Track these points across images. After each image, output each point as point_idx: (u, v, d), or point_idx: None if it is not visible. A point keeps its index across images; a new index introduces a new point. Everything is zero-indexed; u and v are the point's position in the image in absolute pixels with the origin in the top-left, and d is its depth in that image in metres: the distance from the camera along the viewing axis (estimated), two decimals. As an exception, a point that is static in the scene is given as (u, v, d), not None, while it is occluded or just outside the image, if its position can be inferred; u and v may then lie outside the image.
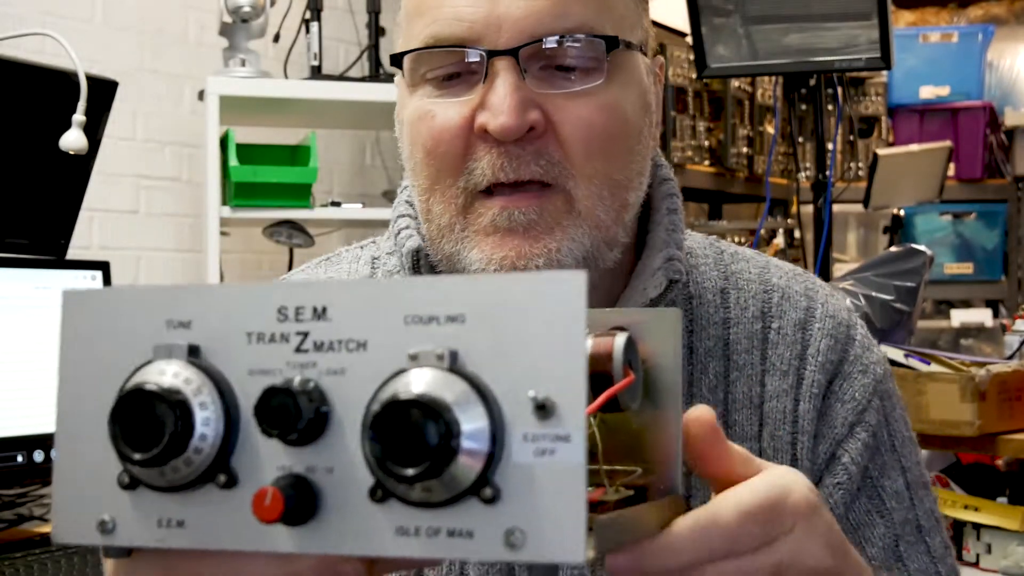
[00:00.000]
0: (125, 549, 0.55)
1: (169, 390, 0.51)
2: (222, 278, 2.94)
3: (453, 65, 0.86)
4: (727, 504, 0.59)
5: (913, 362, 2.11)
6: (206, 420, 0.51)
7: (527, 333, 0.48)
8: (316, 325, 0.51)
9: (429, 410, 0.47)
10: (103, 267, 1.95)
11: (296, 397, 0.49)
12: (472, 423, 0.47)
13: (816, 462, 0.93)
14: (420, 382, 0.48)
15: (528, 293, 0.48)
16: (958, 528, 2.09)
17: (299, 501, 0.50)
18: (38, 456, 1.80)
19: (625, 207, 0.88)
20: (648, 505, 0.59)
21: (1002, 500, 2.11)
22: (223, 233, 2.94)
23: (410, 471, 0.47)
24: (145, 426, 0.50)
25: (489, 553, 0.48)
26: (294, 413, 0.49)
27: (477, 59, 0.84)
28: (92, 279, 1.93)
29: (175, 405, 0.50)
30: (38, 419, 1.81)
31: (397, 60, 0.88)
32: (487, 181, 0.84)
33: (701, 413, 0.61)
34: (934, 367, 2.10)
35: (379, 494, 0.49)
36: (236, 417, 0.51)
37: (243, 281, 1.06)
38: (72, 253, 2.12)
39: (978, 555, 2.06)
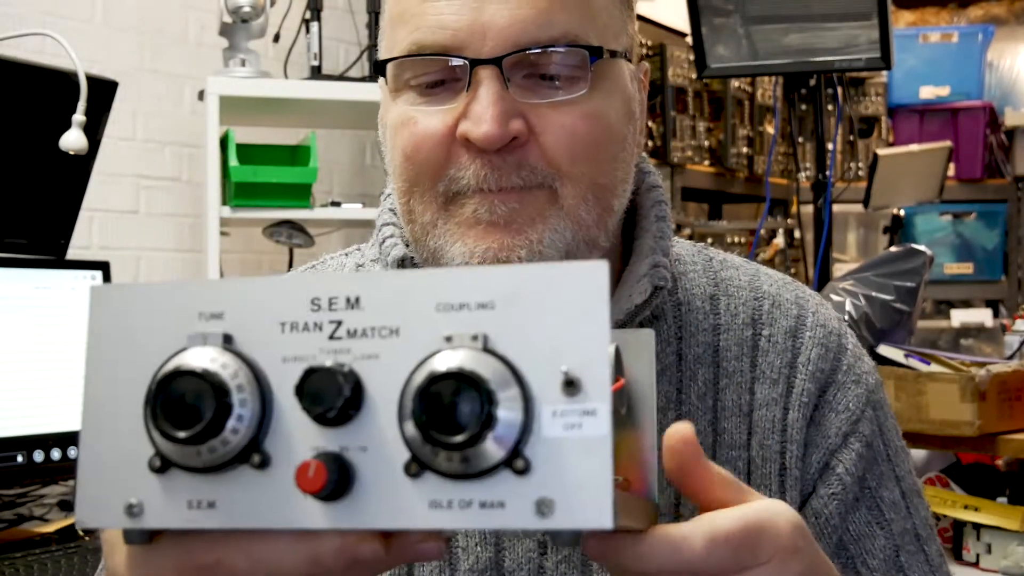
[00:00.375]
0: (147, 535, 0.56)
1: (207, 372, 0.53)
2: (222, 278, 2.93)
3: (436, 72, 0.85)
4: (700, 525, 0.58)
5: (913, 362, 2.11)
6: (243, 402, 0.53)
7: (553, 317, 0.51)
8: (349, 314, 0.53)
9: (471, 381, 0.50)
10: (103, 267, 1.95)
11: (335, 375, 0.52)
12: (508, 399, 0.50)
13: (808, 472, 0.93)
14: (457, 358, 0.51)
15: (554, 281, 0.51)
16: (958, 528, 2.09)
17: (338, 476, 0.52)
18: (38, 456, 1.80)
19: (609, 212, 0.88)
20: (645, 501, 0.62)
21: (1002, 500, 2.11)
22: (223, 233, 2.94)
23: (455, 439, 0.50)
24: (183, 406, 0.52)
25: (520, 521, 0.51)
26: (335, 391, 0.51)
27: (461, 67, 0.83)
28: (92, 279, 1.93)
29: (214, 386, 0.52)
30: (38, 419, 1.81)
31: (380, 67, 0.88)
32: (469, 188, 0.84)
33: (681, 428, 0.60)
34: (934, 367, 2.10)
35: (414, 468, 0.52)
36: (270, 401, 0.54)
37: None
38: (72, 253, 2.12)
39: (978, 555, 2.06)
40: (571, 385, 0.51)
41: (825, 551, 0.93)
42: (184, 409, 0.52)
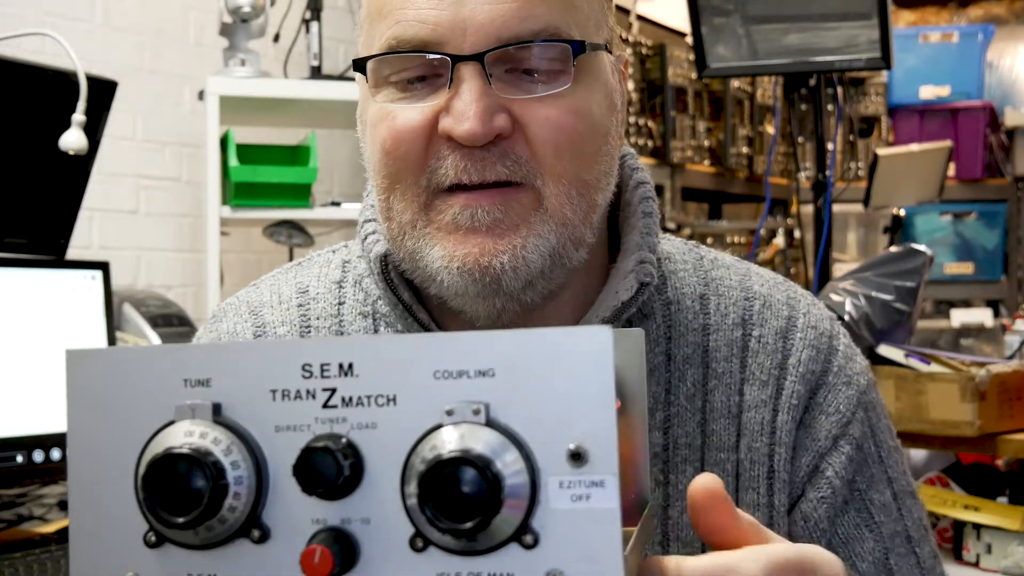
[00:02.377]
0: None
1: (202, 451, 0.51)
2: (222, 278, 2.94)
3: (417, 68, 0.84)
4: (754, 554, 0.56)
5: (913, 362, 2.11)
6: (239, 479, 0.51)
7: (557, 385, 0.50)
8: (343, 381, 0.52)
9: (477, 466, 0.49)
10: (103, 267, 1.95)
11: (334, 454, 0.51)
12: (514, 475, 0.50)
13: (797, 475, 0.92)
14: (461, 437, 0.50)
15: (557, 346, 0.50)
16: (958, 528, 2.08)
17: (343, 556, 0.51)
18: (38, 456, 1.80)
19: (593, 207, 0.87)
20: (633, 531, 0.61)
21: (1002, 500, 2.11)
22: (223, 233, 2.94)
23: (463, 526, 0.49)
24: (179, 489, 0.51)
25: None
26: (334, 471, 0.50)
27: (442, 64, 0.82)
28: (92, 279, 1.93)
29: (209, 467, 0.51)
30: (38, 419, 1.81)
31: (360, 64, 0.87)
32: (450, 181, 0.83)
33: (708, 482, 0.58)
34: (934, 367, 2.10)
35: (419, 543, 0.51)
36: (266, 473, 0.52)
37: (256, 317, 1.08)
38: (72, 253, 2.12)
39: (978, 555, 2.06)
40: (578, 457, 0.50)
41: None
42: (179, 491, 0.51)
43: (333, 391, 0.52)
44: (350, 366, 0.52)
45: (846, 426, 0.93)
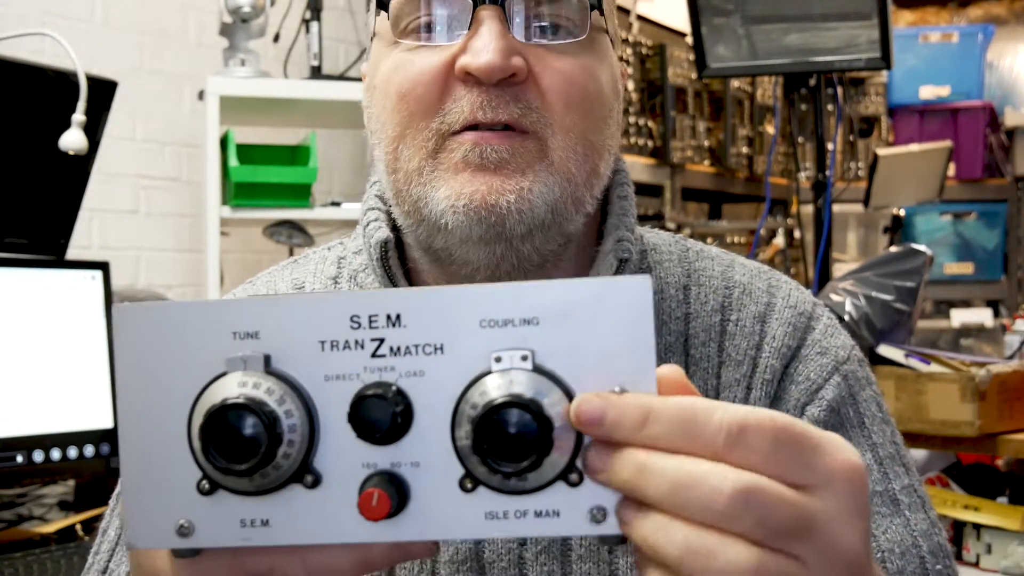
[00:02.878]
0: (196, 549, 0.56)
1: (257, 402, 0.53)
2: (222, 278, 2.94)
3: (437, 16, 0.85)
4: (759, 411, 0.50)
5: (913, 362, 2.11)
6: (292, 427, 0.53)
7: (600, 332, 0.52)
8: (391, 331, 0.54)
9: (529, 409, 0.51)
10: (103, 267, 1.95)
11: (387, 401, 0.53)
12: (560, 417, 0.52)
13: None
14: (510, 383, 0.52)
15: (599, 295, 0.52)
16: (958, 528, 2.09)
17: (397, 496, 0.53)
18: (38, 456, 1.80)
19: (595, 173, 0.88)
20: None
21: (1002, 500, 2.11)
22: (223, 233, 2.94)
23: (517, 466, 0.51)
24: (237, 438, 0.53)
25: (574, 529, 0.53)
26: (388, 415, 0.53)
27: (463, 7, 0.83)
28: (92, 279, 1.93)
29: (265, 416, 0.53)
30: (38, 419, 1.81)
31: (384, 3, 0.87)
32: (463, 120, 0.83)
33: (669, 371, 0.54)
34: (934, 367, 2.10)
35: (469, 484, 0.53)
36: (317, 421, 0.54)
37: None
38: (72, 253, 2.12)
39: (978, 555, 2.06)
40: None
41: None
42: (235, 440, 0.53)
43: (381, 341, 0.54)
44: (398, 317, 0.54)
45: (815, 392, 0.92)
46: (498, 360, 0.52)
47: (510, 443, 0.51)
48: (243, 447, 0.53)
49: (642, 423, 0.51)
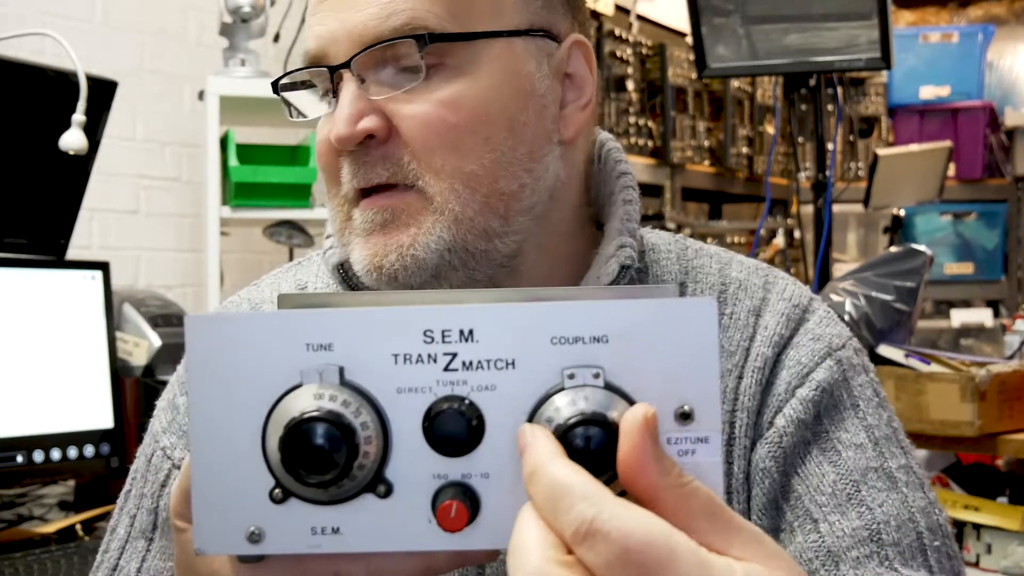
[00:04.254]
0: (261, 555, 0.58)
1: (335, 414, 0.54)
2: (222, 278, 2.94)
3: (321, 82, 0.89)
4: (635, 523, 0.47)
5: (913, 362, 2.11)
6: (367, 439, 0.55)
7: (666, 351, 0.54)
8: (464, 346, 0.55)
9: (601, 425, 0.52)
10: (103, 267, 1.95)
11: (461, 414, 0.54)
12: None
13: (758, 435, 0.90)
14: (584, 399, 0.54)
15: (665, 316, 0.54)
16: (958, 528, 2.09)
17: (470, 506, 0.55)
18: (38, 456, 1.80)
19: (497, 196, 0.86)
20: None
21: (1002, 500, 2.11)
22: (223, 233, 2.94)
23: (599, 479, 0.52)
24: (315, 451, 0.54)
25: None
26: (462, 429, 0.54)
27: (324, 76, 0.87)
28: (92, 279, 1.93)
29: (343, 429, 0.54)
30: (38, 419, 1.81)
31: (276, 91, 0.92)
32: (351, 189, 0.86)
33: (632, 415, 0.51)
34: (934, 367, 2.10)
35: None
36: (389, 432, 0.56)
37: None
38: (72, 253, 2.12)
39: (978, 555, 2.06)
40: (686, 417, 0.54)
41: (760, 500, 0.88)
42: (315, 453, 0.54)
43: (454, 355, 0.55)
44: (470, 332, 0.55)
45: (806, 376, 0.91)
46: (571, 377, 0.54)
47: (583, 457, 0.52)
48: (322, 459, 0.54)
49: (527, 477, 0.51)
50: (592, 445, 0.52)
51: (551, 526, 0.49)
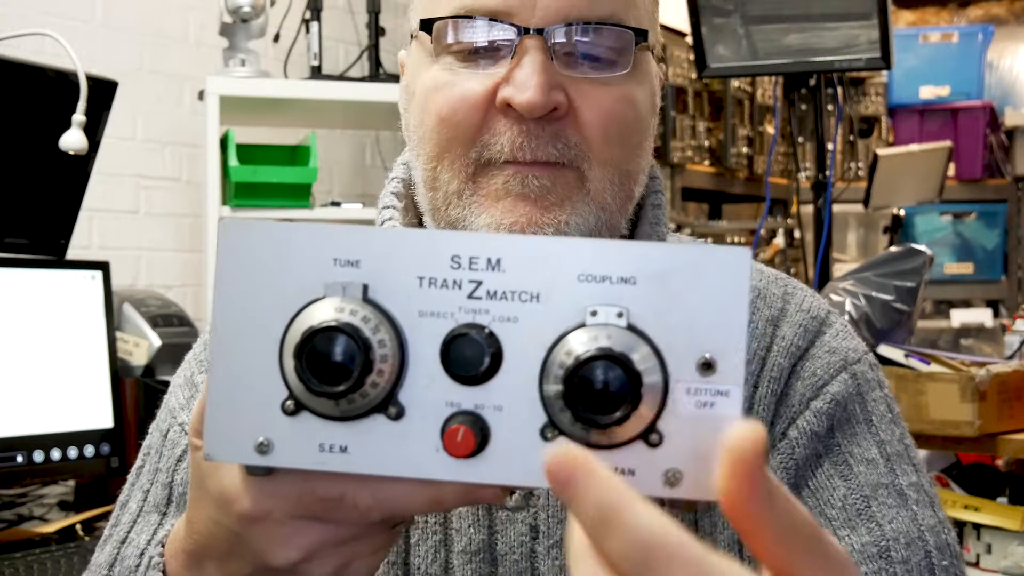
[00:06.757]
0: (268, 468, 0.57)
1: (352, 327, 0.54)
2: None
3: (480, 41, 0.85)
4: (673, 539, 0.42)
5: (913, 362, 2.11)
6: (383, 357, 0.54)
7: (694, 298, 0.53)
8: (490, 275, 0.54)
9: (622, 363, 0.51)
10: (103, 267, 1.95)
11: (480, 341, 0.53)
12: (650, 376, 0.52)
13: (771, 444, 0.90)
14: (607, 336, 0.52)
15: (698, 263, 0.53)
16: (958, 528, 2.09)
17: (481, 438, 0.54)
18: (38, 456, 1.80)
19: (630, 198, 0.90)
20: None
21: (1002, 500, 2.11)
22: (223, 233, 2.94)
23: (606, 419, 0.51)
24: (329, 361, 0.53)
25: (648, 489, 0.53)
26: (479, 356, 0.53)
27: (508, 35, 0.84)
28: (92, 279, 1.93)
29: (359, 342, 0.53)
30: (38, 419, 1.81)
31: (427, 25, 0.87)
32: (504, 157, 0.84)
33: (749, 431, 0.45)
34: (934, 367, 2.10)
35: (550, 433, 0.54)
36: (407, 354, 0.55)
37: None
38: (72, 253, 2.12)
39: (978, 555, 2.06)
40: (708, 367, 0.52)
41: None
42: (328, 363, 0.53)
43: (479, 283, 0.54)
44: (498, 261, 0.54)
45: (821, 388, 0.91)
46: (594, 314, 0.53)
47: (600, 396, 0.51)
48: (335, 370, 0.53)
49: (597, 526, 0.43)
50: (603, 382, 0.51)
51: (601, 545, 0.42)
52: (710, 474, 0.51)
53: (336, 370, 0.53)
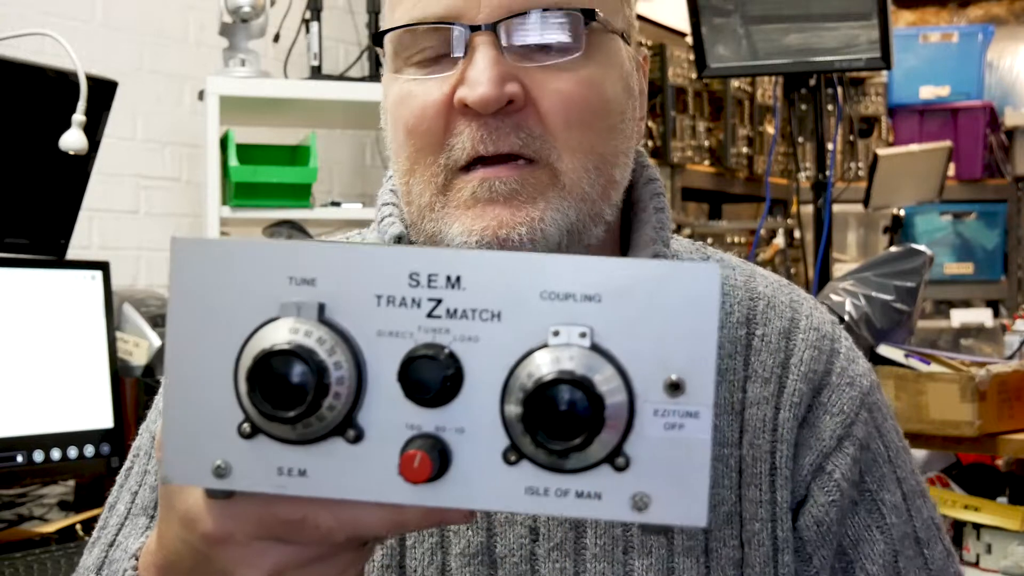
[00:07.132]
0: (227, 491, 0.56)
1: (307, 350, 0.52)
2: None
3: (434, 48, 0.85)
4: None
5: (913, 362, 2.11)
6: (340, 379, 0.52)
7: (661, 316, 0.51)
8: (449, 293, 0.52)
9: (583, 386, 0.50)
10: (103, 267, 1.95)
11: (438, 362, 0.52)
12: (614, 398, 0.51)
13: (800, 473, 0.92)
14: (568, 358, 0.51)
15: (664, 279, 0.51)
16: (958, 528, 2.08)
17: (439, 460, 0.52)
18: (38, 456, 1.80)
19: (612, 183, 0.88)
20: None
21: (1002, 500, 2.11)
22: (223, 233, 2.94)
23: (566, 444, 0.50)
24: (283, 384, 0.52)
25: (615, 514, 0.52)
26: (438, 378, 0.52)
27: (457, 35, 0.84)
28: (92, 279, 1.93)
29: (313, 365, 0.52)
30: (38, 419, 1.81)
31: (379, 40, 0.88)
32: (467, 155, 0.83)
33: None
34: (934, 367, 2.10)
35: (513, 456, 0.52)
36: (365, 376, 0.53)
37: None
38: (72, 253, 2.12)
39: (978, 555, 2.05)
40: (676, 388, 0.51)
41: (827, 558, 0.91)
42: (282, 387, 0.52)
43: (439, 302, 0.53)
44: (458, 279, 0.53)
45: (850, 427, 0.93)
46: (556, 334, 0.51)
47: (560, 420, 0.50)
48: (289, 394, 0.52)
49: None
50: (564, 405, 0.50)
51: None
52: (681, 498, 0.51)
53: (290, 394, 0.52)
